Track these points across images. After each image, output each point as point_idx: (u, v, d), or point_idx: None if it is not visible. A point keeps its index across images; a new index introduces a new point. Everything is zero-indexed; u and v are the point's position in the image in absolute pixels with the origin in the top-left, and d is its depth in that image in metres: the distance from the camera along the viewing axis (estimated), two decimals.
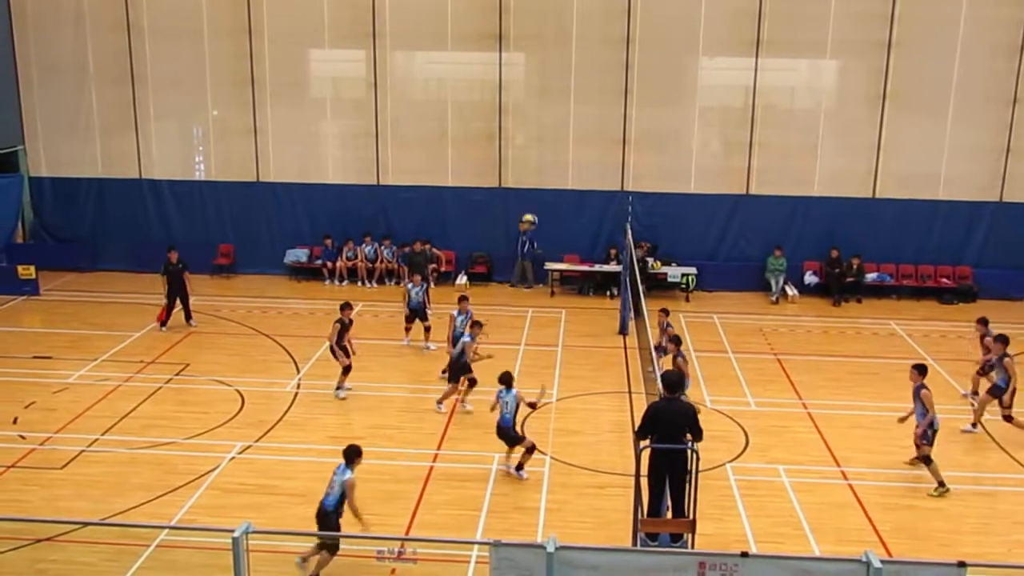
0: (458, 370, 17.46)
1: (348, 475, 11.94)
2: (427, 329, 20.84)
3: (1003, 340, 16.85)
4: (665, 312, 18.89)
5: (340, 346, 17.96)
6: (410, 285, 20.93)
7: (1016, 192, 25.73)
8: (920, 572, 9.07)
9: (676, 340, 17.01)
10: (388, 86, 26.59)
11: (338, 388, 18.10)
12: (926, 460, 14.49)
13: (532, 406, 15.53)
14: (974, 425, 16.92)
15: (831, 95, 26.48)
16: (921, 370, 15.00)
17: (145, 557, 12.20)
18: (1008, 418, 16.39)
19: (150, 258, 25.70)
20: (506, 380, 15.09)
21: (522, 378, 19.09)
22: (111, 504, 13.68)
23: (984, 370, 17.93)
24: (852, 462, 15.66)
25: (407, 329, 21.05)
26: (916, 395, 14.82)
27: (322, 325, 22.56)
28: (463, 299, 19.05)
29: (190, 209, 27.45)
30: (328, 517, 11.81)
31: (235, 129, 27.02)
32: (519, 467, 14.87)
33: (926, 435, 14.51)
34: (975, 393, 18.17)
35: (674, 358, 16.35)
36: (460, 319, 18.51)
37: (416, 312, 20.81)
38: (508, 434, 14.97)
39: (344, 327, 18.04)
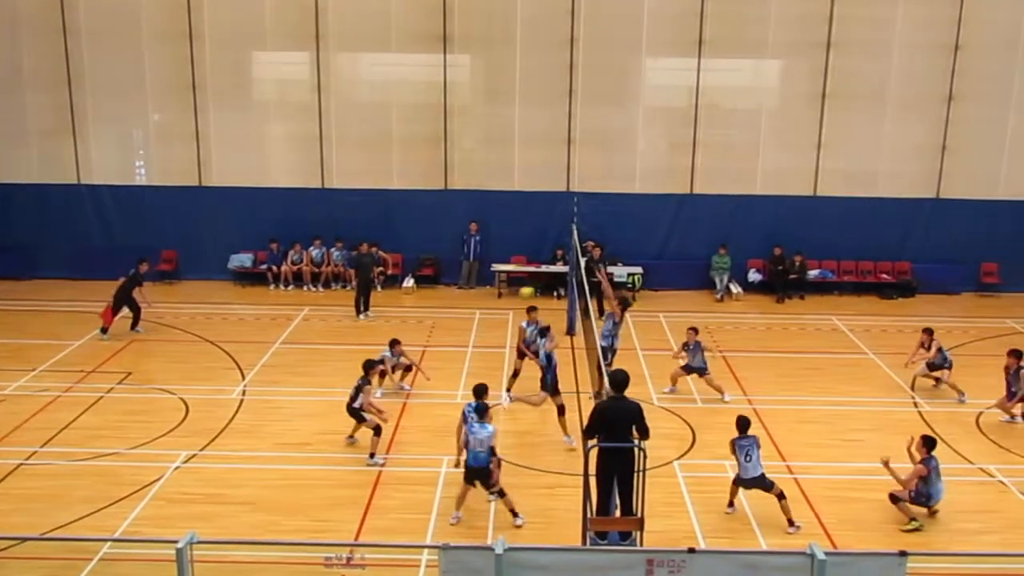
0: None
1: (490, 428, 13.34)
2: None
3: (1017, 354, 17.16)
4: (695, 331, 18.79)
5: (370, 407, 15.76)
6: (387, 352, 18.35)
7: (952, 188, 26.27)
8: (863, 563, 9.23)
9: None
10: (332, 89, 26.42)
11: (371, 455, 15.48)
12: (893, 498, 13.62)
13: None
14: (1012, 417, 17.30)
15: (772, 95, 26.83)
16: (927, 443, 13.74)
17: (88, 571, 11.97)
18: None
19: (90, 265, 25.33)
20: (481, 408, 13.74)
21: (470, 379, 19.05)
22: (52, 518, 13.39)
23: (937, 368, 18.81)
24: (798, 457, 15.85)
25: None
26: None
27: (268, 330, 22.44)
28: (532, 309, 18.74)
29: (131, 214, 26.99)
30: (485, 471, 13.27)
31: (177, 133, 26.65)
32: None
33: (918, 497, 13.59)
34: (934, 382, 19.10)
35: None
36: (530, 329, 18.19)
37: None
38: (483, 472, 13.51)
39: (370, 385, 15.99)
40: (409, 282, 26.44)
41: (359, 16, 26.00)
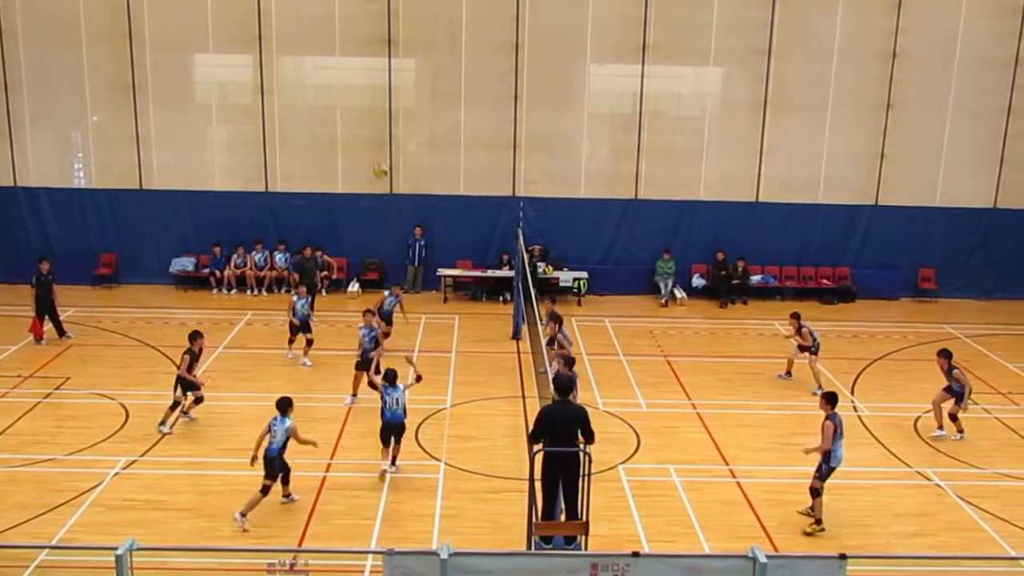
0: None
1: (288, 423, 13.77)
2: (309, 343, 20.32)
3: (946, 355, 17.14)
4: (551, 300, 19.52)
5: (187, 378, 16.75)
6: (295, 297, 20.49)
7: (891, 195, 26.75)
8: (804, 565, 9.38)
9: (557, 317, 17.51)
10: (276, 91, 26.17)
11: (162, 423, 16.64)
12: (813, 493, 13.75)
13: (419, 379, 16.29)
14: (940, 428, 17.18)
15: (715, 101, 27.11)
16: (829, 399, 13.92)
17: None
18: (953, 417, 16.95)
19: (26, 269, 24.64)
20: (390, 377, 15.19)
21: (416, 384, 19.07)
22: None
23: (807, 350, 19.54)
24: (740, 460, 16.04)
25: (291, 342, 20.58)
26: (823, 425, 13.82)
27: (210, 335, 21.98)
28: (395, 284, 21.02)
29: (69, 218, 26.49)
30: (273, 461, 13.64)
31: (116, 135, 26.20)
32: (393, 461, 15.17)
33: (820, 468, 13.72)
34: (789, 373, 20.04)
35: (553, 336, 17.12)
36: (389, 299, 20.43)
37: (302, 325, 20.35)
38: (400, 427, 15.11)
39: (194, 358, 16.84)
40: (354, 287, 26.28)
41: (303, 19, 25.78)
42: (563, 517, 11.93)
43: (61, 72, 25.76)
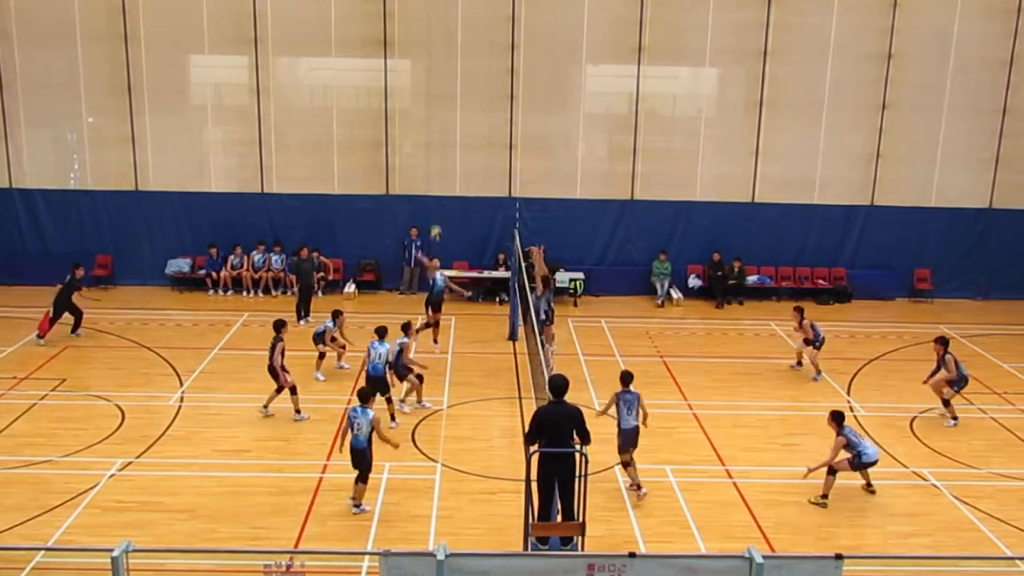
0: (403, 369, 17.87)
1: (371, 414, 13.75)
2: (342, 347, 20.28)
3: (943, 342, 18.31)
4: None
5: (283, 368, 17.34)
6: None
7: (886, 195, 26.78)
8: (800, 565, 9.38)
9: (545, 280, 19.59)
10: (272, 92, 26.16)
11: (297, 411, 17.35)
12: (830, 470, 14.44)
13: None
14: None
15: (711, 102, 27.12)
16: (836, 418, 14.60)
17: None
18: (946, 403, 17.98)
19: (23, 271, 24.81)
20: (380, 333, 17.24)
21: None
22: None
23: (810, 344, 20.13)
24: (736, 461, 16.04)
25: (339, 356, 20.28)
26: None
27: (206, 336, 22.18)
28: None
29: (65, 219, 26.44)
30: (363, 454, 13.72)
31: (112, 137, 26.17)
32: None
33: (851, 461, 14.48)
34: (799, 363, 20.67)
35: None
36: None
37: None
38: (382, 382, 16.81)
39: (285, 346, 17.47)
40: (350, 287, 26.27)
41: (298, 20, 25.76)
42: (559, 518, 11.92)
43: (56, 73, 25.72)
